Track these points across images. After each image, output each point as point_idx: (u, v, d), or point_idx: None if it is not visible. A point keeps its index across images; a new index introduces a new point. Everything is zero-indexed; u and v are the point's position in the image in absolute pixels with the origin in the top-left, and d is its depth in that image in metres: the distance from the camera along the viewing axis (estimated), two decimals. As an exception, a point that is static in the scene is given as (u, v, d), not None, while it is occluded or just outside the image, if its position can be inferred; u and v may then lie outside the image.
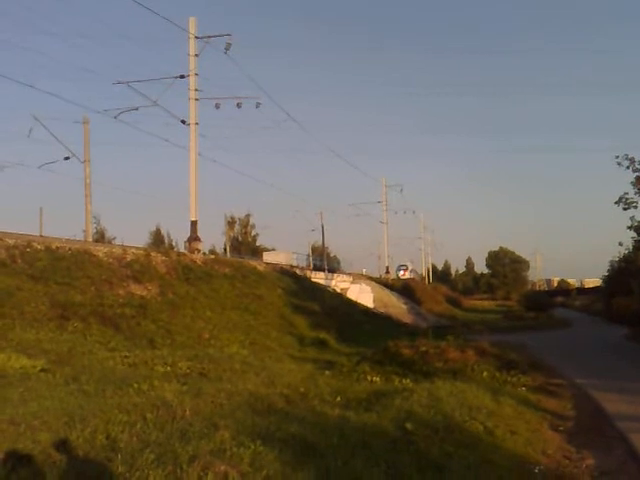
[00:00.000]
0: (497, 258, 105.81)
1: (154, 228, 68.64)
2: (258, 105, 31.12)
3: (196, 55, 29.98)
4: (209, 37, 29.84)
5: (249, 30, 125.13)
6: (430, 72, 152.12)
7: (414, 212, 75.45)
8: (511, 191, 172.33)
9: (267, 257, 49.23)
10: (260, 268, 31.94)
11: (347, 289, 48.99)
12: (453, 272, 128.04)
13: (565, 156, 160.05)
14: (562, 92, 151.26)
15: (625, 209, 26.53)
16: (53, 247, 19.47)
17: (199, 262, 26.16)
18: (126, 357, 13.03)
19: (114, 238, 50.45)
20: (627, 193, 26.25)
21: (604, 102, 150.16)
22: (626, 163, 25.73)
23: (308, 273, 42.93)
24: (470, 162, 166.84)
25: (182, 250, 30.19)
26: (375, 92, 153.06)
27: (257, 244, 72.40)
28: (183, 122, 30.19)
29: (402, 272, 77.99)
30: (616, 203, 26.60)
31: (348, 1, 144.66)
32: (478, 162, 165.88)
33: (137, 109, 30.41)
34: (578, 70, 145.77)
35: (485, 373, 14.14)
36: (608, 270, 42.49)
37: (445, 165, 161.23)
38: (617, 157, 25.90)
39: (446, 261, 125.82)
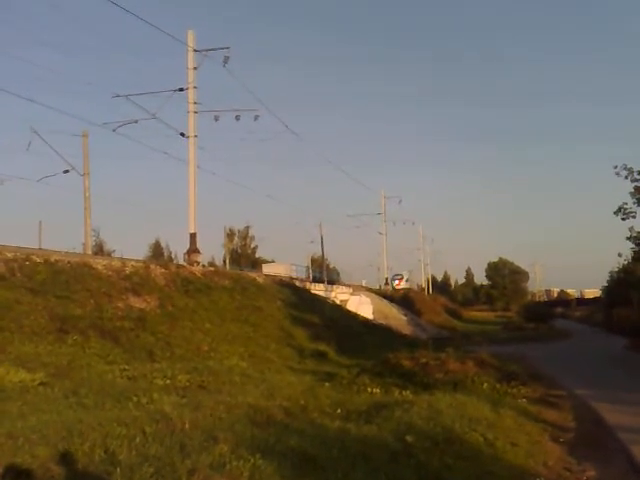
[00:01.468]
0: (497, 269, 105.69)
1: (153, 240, 68.97)
2: (256, 117, 31.17)
3: (195, 68, 30.09)
4: (208, 50, 29.98)
5: (247, 42, 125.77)
6: (428, 81, 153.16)
7: (413, 223, 74.51)
8: (511, 201, 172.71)
9: (266, 269, 49.22)
10: (259, 280, 31.90)
11: (347, 301, 48.91)
12: (452, 283, 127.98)
13: (565, 165, 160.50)
14: (561, 100, 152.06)
15: (623, 219, 26.60)
16: (52, 260, 19.44)
17: (198, 274, 26.14)
18: (125, 370, 12.98)
19: (113, 251, 50.67)
20: (626, 203, 26.33)
21: (604, 111, 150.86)
22: (624, 173, 25.84)
23: (307, 285, 42.90)
24: (469, 172, 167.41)
25: (181, 262, 30.19)
26: (374, 102, 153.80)
27: (256, 256, 72.54)
28: (182, 135, 30.25)
29: (397, 282, 75.61)
30: (615, 213, 26.67)
31: (346, 12, 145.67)
32: (477, 172, 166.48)
33: (136, 122, 30.42)
34: (578, 78, 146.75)
35: (485, 384, 14.10)
36: (608, 281, 42.56)
37: (444, 175, 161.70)
38: (615, 167, 26.02)
39: (445, 272, 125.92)
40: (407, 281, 79.32)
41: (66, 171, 32.29)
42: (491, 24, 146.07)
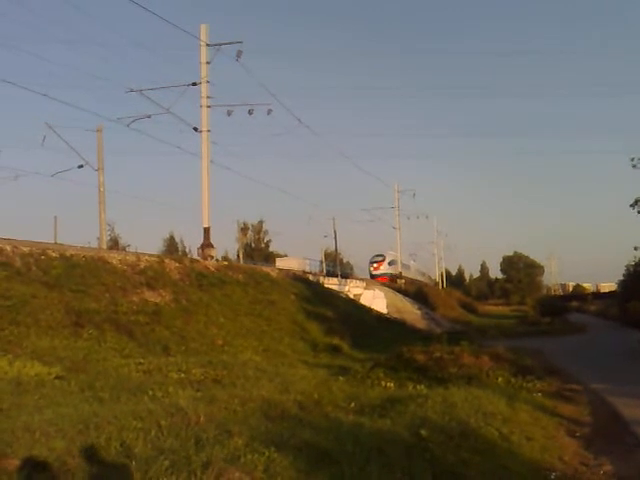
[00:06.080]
0: (512, 263, 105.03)
1: (168, 235, 69.25)
2: (269, 111, 31.20)
3: (208, 63, 30.14)
4: (220, 44, 30.01)
5: (260, 36, 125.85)
6: (443, 75, 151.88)
7: (427, 217, 73.21)
8: (525, 195, 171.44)
9: (280, 263, 49.31)
10: (273, 274, 31.97)
11: (360, 295, 48.85)
12: (467, 277, 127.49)
13: (580, 159, 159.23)
14: (576, 93, 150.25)
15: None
16: (67, 255, 19.59)
17: (212, 268, 26.23)
18: (140, 364, 13.07)
19: (128, 245, 50.76)
20: None
21: (619, 103, 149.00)
22: None
23: (321, 279, 42.89)
24: (484, 165, 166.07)
25: (195, 257, 30.27)
26: (387, 96, 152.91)
27: (270, 250, 72.62)
28: (195, 129, 30.33)
29: (375, 265, 63.76)
30: (631, 206, 26.35)
31: (358, 6, 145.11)
32: (492, 165, 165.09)
33: (150, 117, 30.63)
34: (591, 71, 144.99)
35: (500, 379, 14.02)
36: (624, 274, 41.97)
37: (459, 169, 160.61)
38: (632, 159, 25.67)
39: (460, 266, 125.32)
40: (391, 264, 65.13)
41: (80, 166, 32.47)
42: (499, 17, 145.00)
